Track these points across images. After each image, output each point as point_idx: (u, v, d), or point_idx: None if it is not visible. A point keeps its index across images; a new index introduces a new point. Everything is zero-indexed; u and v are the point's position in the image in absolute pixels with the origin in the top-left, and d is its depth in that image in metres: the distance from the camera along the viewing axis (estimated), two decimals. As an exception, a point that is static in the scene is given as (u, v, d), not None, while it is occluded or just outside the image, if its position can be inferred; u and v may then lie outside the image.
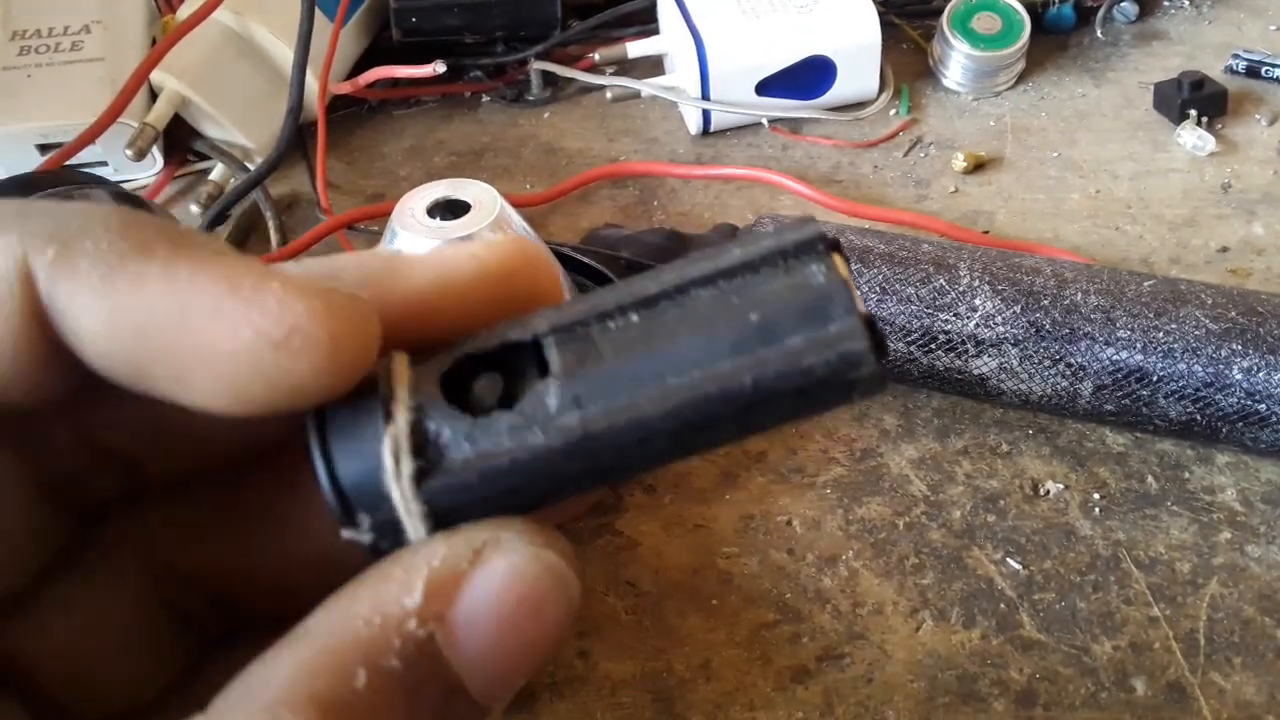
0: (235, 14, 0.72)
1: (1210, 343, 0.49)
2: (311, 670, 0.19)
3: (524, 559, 0.20)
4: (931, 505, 0.52)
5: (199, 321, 0.19)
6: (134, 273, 0.20)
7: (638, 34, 0.79)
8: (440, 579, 0.20)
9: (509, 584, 0.20)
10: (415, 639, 0.20)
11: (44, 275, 0.20)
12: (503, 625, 0.20)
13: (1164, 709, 0.44)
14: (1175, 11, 0.81)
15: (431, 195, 0.50)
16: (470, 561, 0.20)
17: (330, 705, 0.19)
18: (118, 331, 0.20)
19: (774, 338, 0.20)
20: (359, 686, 0.19)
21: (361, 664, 0.19)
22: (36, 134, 0.70)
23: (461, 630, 0.20)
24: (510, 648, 0.20)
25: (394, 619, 0.20)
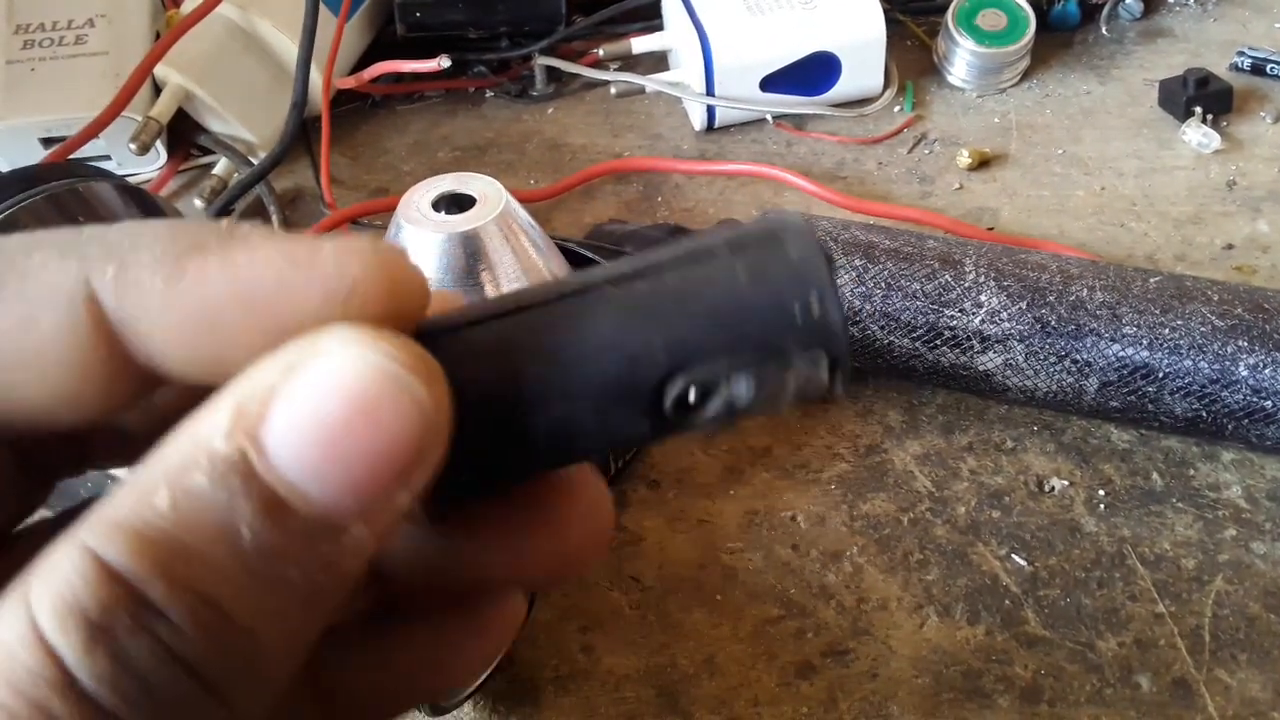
0: (239, 8, 0.72)
1: (1216, 339, 0.49)
2: (118, 499, 0.19)
3: (346, 361, 0.19)
4: (936, 501, 0.52)
5: (267, 297, 0.20)
6: (194, 270, 0.20)
7: (642, 30, 0.79)
8: (247, 395, 0.19)
9: (329, 390, 0.19)
10: (222, 455, 0.19)
11: (108, 295, 0.20)
12: (328, 435, 0.19)
13: (1169, 705, 0.44)
14: (1180, 9, 0.81)
15: (437, 189, 0.50)
16: (283, 374, 0.19)
17: (128, 527, 0.18)
18: (191, 329, 0.20)
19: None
20: (160, 505, 0.19)
21: (164, 483, 0.19)
22: (40, 128, 0.70)
23: (276, 444, 0.19)
24: (346, 459, 0.19)
25: (201, 439, 0.19)
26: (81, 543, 0.18)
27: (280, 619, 0.20)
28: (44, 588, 0.18)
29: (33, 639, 0.18)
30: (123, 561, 0.18)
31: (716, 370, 0.21)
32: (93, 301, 0.20)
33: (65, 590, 0.18)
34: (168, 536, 0.19)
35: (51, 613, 0.18)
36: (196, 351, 0.21)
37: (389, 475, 0.20)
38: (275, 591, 0.19)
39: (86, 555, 0.18)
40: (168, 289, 0.20)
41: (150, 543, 0.19)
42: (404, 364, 0.20)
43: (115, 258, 0.20)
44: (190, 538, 0.19)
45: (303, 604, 0.20)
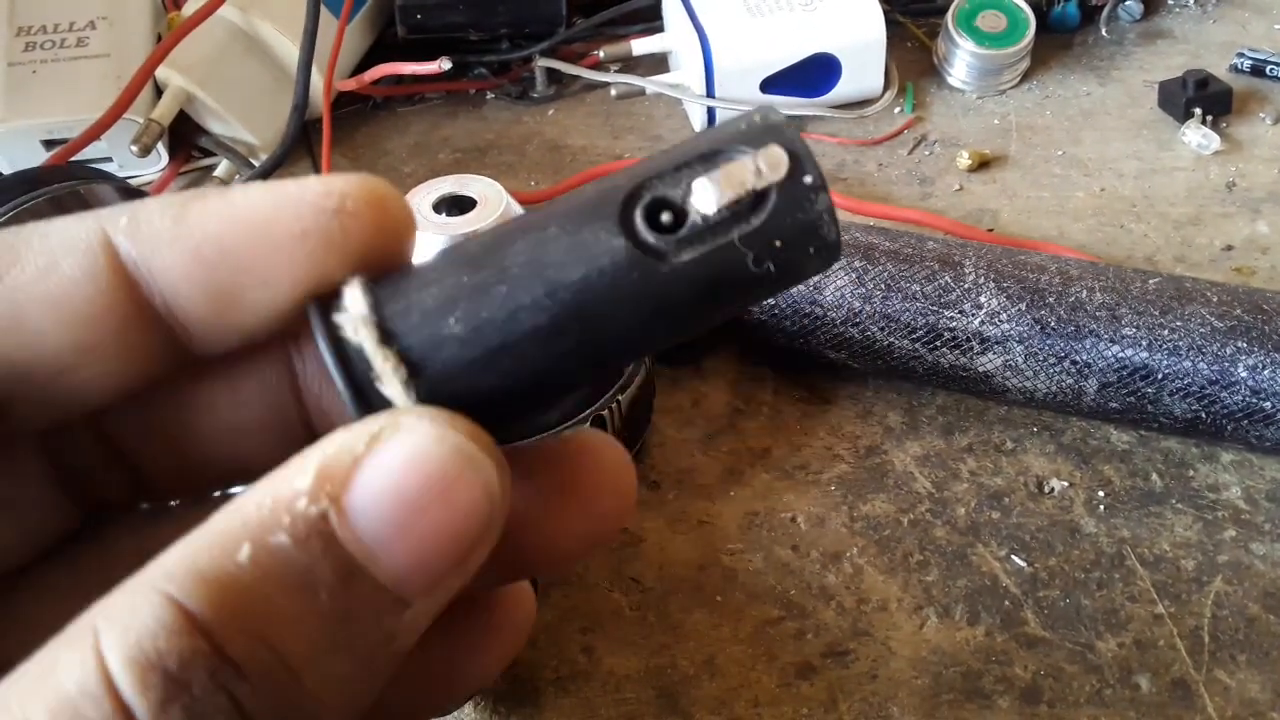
0: (240, 10, 0.72)
1: (1215, 340, 0.49)
2: (196, 548, 0.19)
3: (426, 440, 0.20)
4: (936, 502, 0.52)
5: (265, 217, 0.22)
6: (197, 209, 0.22)
7: (642, 31, 0.79)
8: (333, 460, 0.20)
9: (409, 464, 0.20)
10: (305, 517, 0.19)
11: (123, 238, 0.22)
12: (405, 506, 0.20)
13: (1169, 706, 0.44)
14: (1180, 10, 0.81)
15: (438, 191, 0.50)
16: (367, 444, 0.20)
17: (213, 579, 0.19)
18: (201, 256, 0.22)
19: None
20: (242, 560, 0.19)
21: (247, 539, 0.19)
22: (42, 130, 0.70)
23: (357, 511, 0.20)
24: (417, 531, 0.20)
25: (284, 499, 0.20)
26: (160, 589, 0.18)
27: (342, 687, 0.20)
28: (119, 635, 0.18)
29: (103, 690, 0.18)
30: (206, 612, 0.18)
31: (676, 180, 0.22)
32: (109, 247, 0.22)
33: (145, 639, 0.18)
34: (250, 591, 0.19)
35: (129, 663, 0.18)
36: (206, 281, 0.22)
37: (453, 553, 0.20)
38: (342, 658, 0.20)
39: (169, 603, 0.18)
40: (175, 226, 0.22)
41: (233, 595, 0.19)
42: (480, 447, 0.20)
43: (127, 210, 0.22)
44: (271, 594, 0.19)
45: (363, 673, 0.20)
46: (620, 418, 0.50)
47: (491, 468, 0.20)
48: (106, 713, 0.18)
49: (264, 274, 0.22)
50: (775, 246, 0.22)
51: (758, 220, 0.21)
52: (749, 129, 0.22)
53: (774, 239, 0.22)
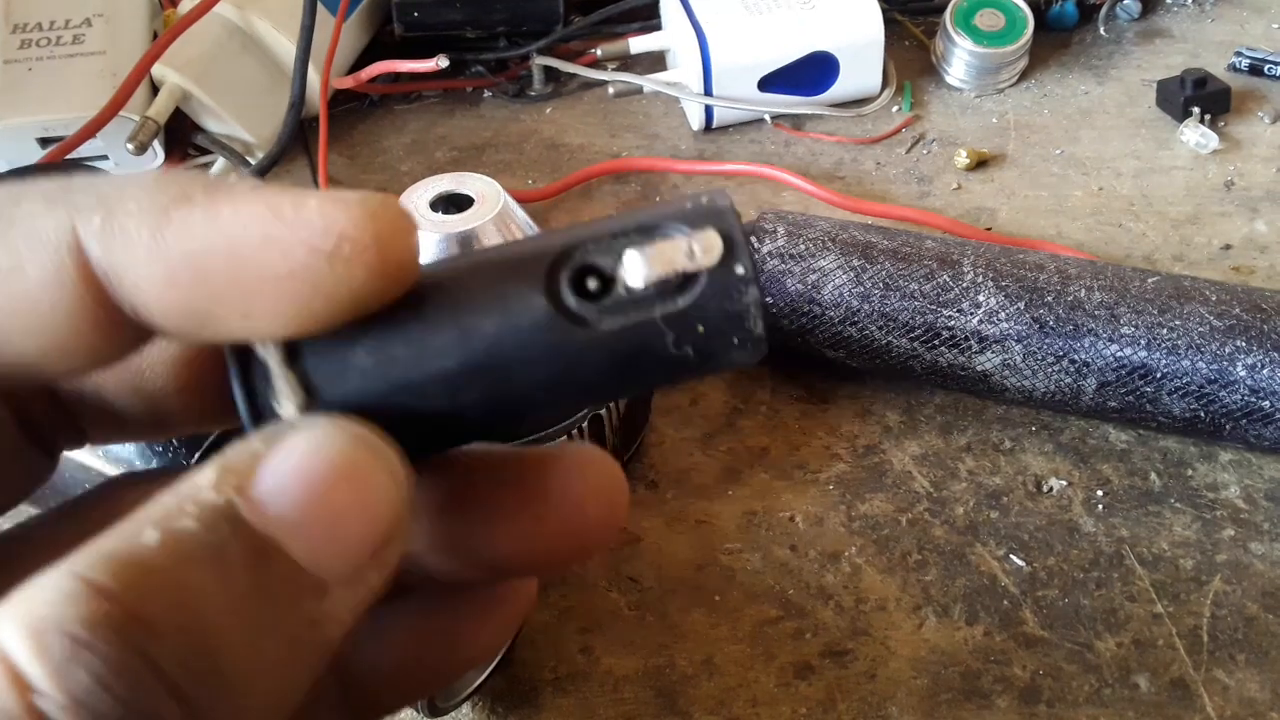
0: (237, 8, 0.71)
1: (1214, 339, 0.49)
2: (105, 537, 0.19)
3: (325, 432, 0.20)
4: (934, 502, 0.52)
5: (251, 251, 0.20)
6: (179, 220, 0.20)
7: (640, 29, 0.79)
8: (233, 459, 0.20)
9: (311, 452, 0.20)
10: (211, 504, 0.19)
11: (95, 243, 0.20)
12: (311, 488, 0.20)
13: (1167, 706, 0.44)
14: (1178, 9, 0.81)
15: (435, 189, 0.50)
16: (266, 443, 0.20)
17: (122, 556, 0.18)
18: (177, 279, 0.20)
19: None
20: (149, 541, 0.19)
21: (152, 525, 0.19)
22: (37, 127, 0.70)
23: (264, 495, 0.20)
24: (328, 512, 0.20)
25: (187, 494, 0.19)
26: (66, 571, 0.18)
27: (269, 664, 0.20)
28: (17, 609, 0.18)
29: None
30: (113, 582, 0.18)
31: (609, 248, 0.21)
32: (79, 251, 0.20)
33: (44, 609, 0.18)
34: (160, 566, 0.19)
35: (26, 633, 0.17)
36: (181, 303, 0.21)
37: (367, 538, 0.20)
38: (265, 635, 0.19)
39: (73, 578, 0.18)
40: (153, 240, 0.20)
41: (142, 569, 0.18)
42: (380, 438, 0.20)
43: (102, 207, 0.20)
44: (182, 569, 0.19)
45: (290, 657, 0.20)
46: (618, 417, 0.50)
47: (394, 456, 0.21)
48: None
49: (241, 308, 0.21)
50: (698, 331, 0.21)
51: (683, 302, 0.21)
52: (693, 209, 0.22)
53: (697, 324, 0.21)
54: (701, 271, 0.21)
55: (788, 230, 0.55)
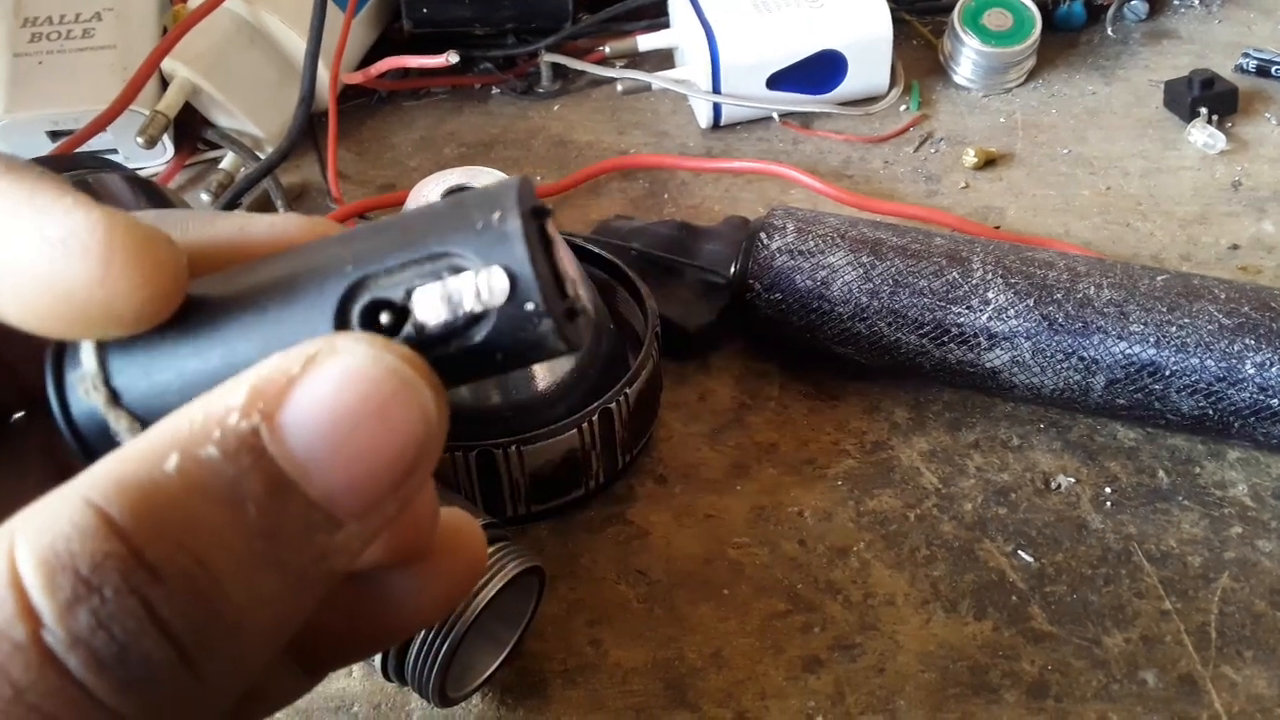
0: (247, 3, 0.72)
1: (1223, 337, 0.49)
2: (124, 457, 0.19)
3: (362, 359, 0.20)
4: (943, 498, 0.52)
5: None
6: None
7: (648, 27, 0.79)
8: (267, 380, 0.20)
9: (344, 382, 0.20)
10: (236, 431, 0.19)
11: None
12: (339, 423, 0.20)
13: (1175, 701, 0.44)
14: (1185, 10, 0.82)
15: (446, 182, 0.50)
16: (302, 365, 0.20)
17: (137, 489, 0.18)
18: None
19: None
20: (169, 469, 0.19)
21: (175, 449, 0.19)
22: (48, 121, 0.70)
23: (290, 427, 0.19)
24: (352, 450, 0.20)
25: (215, 414, 0.19)
26: (83, 496, 0.18)
27: (268, 602, 0.20)
28: (34, 536, 0.18)
29: (10, 591, 0.18)
30: (125, 517, 0.18)
31: (398, 282, 0.21)
32: None
33: (59, 542, 0.18)
34: (174, 500, 0.19)
35: (40, 564, 0.18)
36: None
37: (388, 476, 0.20)
38: (269, 573, 0.19)
39: (88, 507, 0.18)
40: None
41: (156, 503, 0.18)
42: (416, 370, 0.20)
43: None
44: (196, 505, 0.19)
45: (292, 591, 0.20)
46: (628, 411, 0.50)
47: (427, 390, 0.20)
48: (9, 614, 0.17)
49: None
50: (496, 359, 0.21)
51: (477, 337, 0.21)
52: (481, 232, 0.21)
53: (495, 352, 0.21)
54: (490, 311, 0.21)
55: (797, 227, 0.55)
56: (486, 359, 0.21)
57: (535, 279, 0.21)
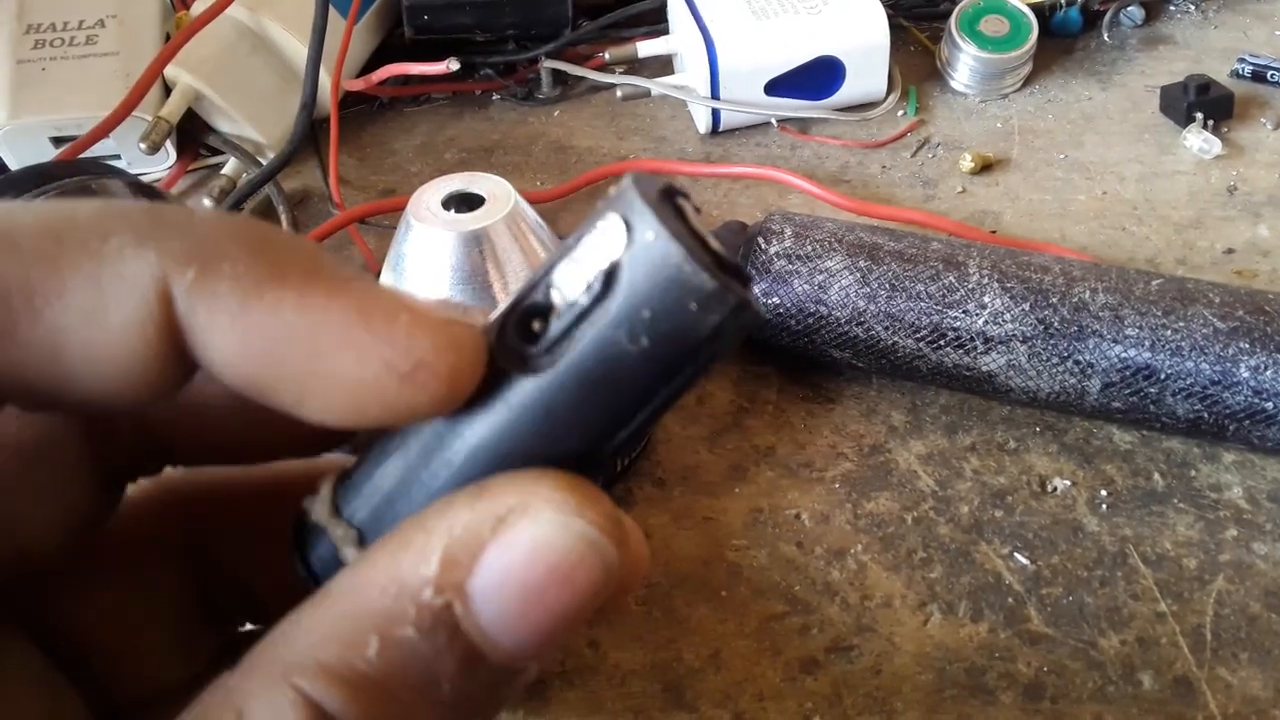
0: (249, 10, 0.72)
1: (1218, 341, 0.49)
2: (324, 638, 0.20)
3: (552, 528, 0.20)
4: (939, 500, 0.52)
5: (330, 350, 0.20)
6: (271, 299, 0.20)
7: (648, 34, 0.79)
8: (458, 547, 0.20)
9: (534, 554, 0.20)
10: (431, 608, 0.20)
11: (182, 296, 0.20)
12: (527, 595, 0.20)
13: (1171, 703, 0.45)
14: (1181, 16, 0.82)
15: (446, 188, 0.50)
16: (492, 529, 0.20)
17: (341, 673, 0.19)
18: (249, 354, 0.20)
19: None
20: (370, 655, 0.19)
21: (374, 632, 0.19)
22: (51, 127, 0.70)
23: (480, 600, 0.20)
24: (538, 617, 0.20)
25: (409, 588, 0.20)
26: (294, 683, 0.19)
27: None
28: (240, 711, 0.19)
29: None
30: (340, 710, 0.19)
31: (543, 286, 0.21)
32: (166, 300, 0.20)
33: None
34: (377, 686, 0.19)
35: None
36: (246, 374, 0.20)
37: (569, 625, 0.20)
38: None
39: (306, 705, 0.19)
40: (240, 310, 0.20)
41: (363, 693, 0.19)
42: (603, 530, 0.20)
43: (198, 260, 0.20)
44: (397, 688, 0.19)
45: None
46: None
47: (612, 549, 0.20)
48: None
49: (298, 395, 0.20)
50: (645, 318, 0.20)
51: (620, 297, 0.20)
52: (602, 207, 0.21)
53: (640, 309, 0.20)
54: (619, 260, 0.20)
55: (795, 231, 0.55)
56: (635, 326, 0.20)
57: (656, 209, 0.20)
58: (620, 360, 0.20)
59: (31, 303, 0.19)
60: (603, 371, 0.20)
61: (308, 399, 0.20)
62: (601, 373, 0.20)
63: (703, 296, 0.20)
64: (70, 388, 0.20)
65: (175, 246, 0.20)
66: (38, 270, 0.19)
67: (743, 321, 0.20)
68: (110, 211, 0.20)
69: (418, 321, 0.20)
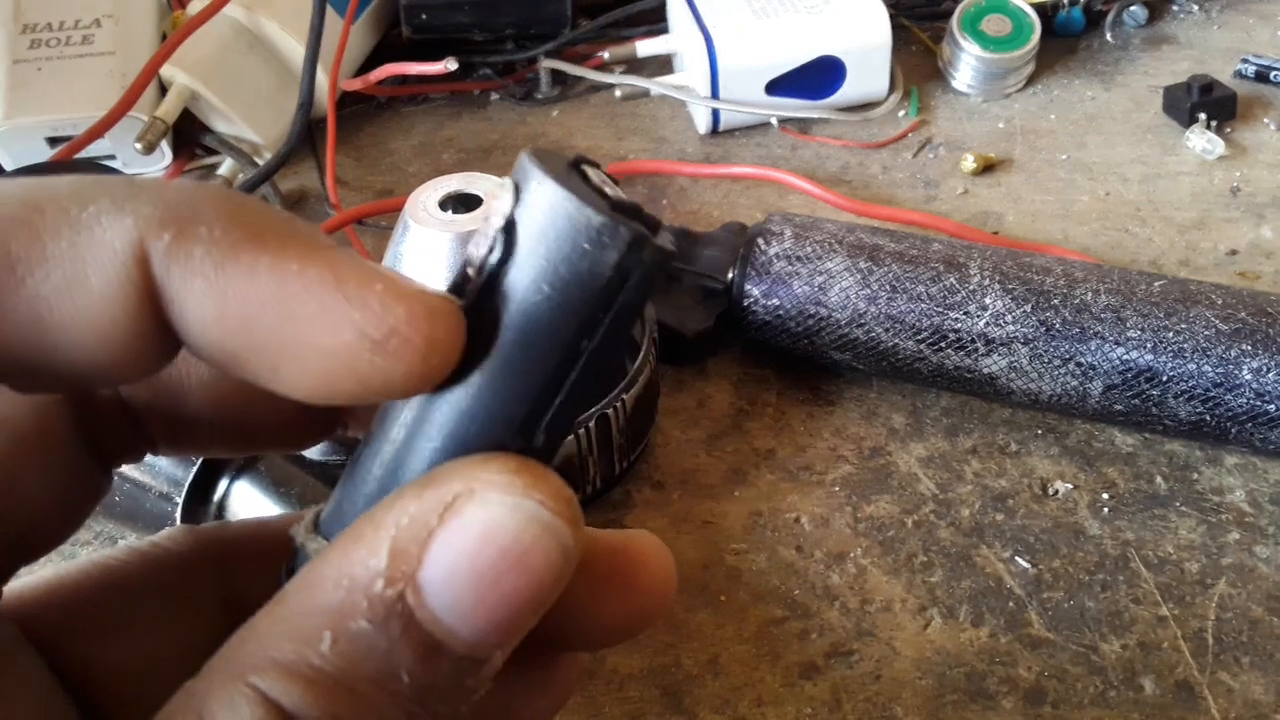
0: (246, 9, 0.72)
1: (1220, 343, 0.49)
2: (279, 635, 0.19)
3: (501, 510, 0.20)
4: (940, 504, 0.52)
5: (303, 316, 0.20)
6: (246, 262, 0.20)
7: (647, 33, 0.79)
8: (406, 538, 0.20)
9: (483, 538, 0.20)
10: (383, 600, 0.19)
11: (159, 260, 0.19)
12: (480, 581, 0.20)
13: (1172, 708, 0.44)
14: (1184, 16, 0.82)
15: (444, 189, 0.50)
16: (440, 516, 0.20)
17: (297, 669, 0.19)
18: (225, 320, 0.20)
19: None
20: (324, 649, 0.19)
21: (327, 627, 0.19)
22: (46, 127, 0.70)
23: (432, 589, 0.20)
24: (493, 603, 0.20)
25: (360, 581, 0.19)
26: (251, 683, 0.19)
27: None
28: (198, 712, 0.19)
29: None
30: (298, 706, 0.19)
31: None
32: (144, 265, 0.19)
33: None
34: (334, 681, 0.19)
35: None
36: (220, 340, 0.20)
37: (531, 609, 0.20)
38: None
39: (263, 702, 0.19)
40: (216, 274, 0.20)
41: (320, 687, 0.19)
42: (555, 511, 0.20)
43: (174, 225, 0.20)
44: (354, 682, 0.19)
45: None
46: (625, 417, 0.50)
47: (566, 529, 0.20)
48: None
49: (273, 363, 0.20)
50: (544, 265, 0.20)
51: (519, 249, 0.20)
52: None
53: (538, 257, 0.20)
54: (512, 214, 0.20)
55: (795, 232, 0.55)
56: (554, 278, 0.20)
57: (538, 166, 0.20)
58: (532, 314, 0.20)
59: (14, 272, 0.19)
60: (518, 329, 0.20)
61: (282, 368, 0.20)
62: (517, 331, 0.20)
63: (594, 234, 0.19)
64: (55, 359, 0.20)
65: (152, 211, 0.20)
66: (18, 240, 0.19)
67: (646, 259, 0.20)
68: (88, 181, 0.20)
69: (393, 290, 0.20)
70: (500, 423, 0.21)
